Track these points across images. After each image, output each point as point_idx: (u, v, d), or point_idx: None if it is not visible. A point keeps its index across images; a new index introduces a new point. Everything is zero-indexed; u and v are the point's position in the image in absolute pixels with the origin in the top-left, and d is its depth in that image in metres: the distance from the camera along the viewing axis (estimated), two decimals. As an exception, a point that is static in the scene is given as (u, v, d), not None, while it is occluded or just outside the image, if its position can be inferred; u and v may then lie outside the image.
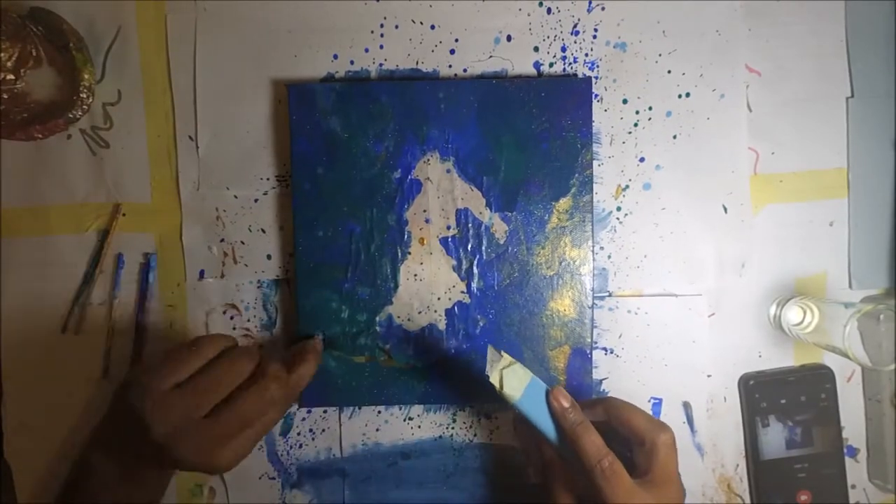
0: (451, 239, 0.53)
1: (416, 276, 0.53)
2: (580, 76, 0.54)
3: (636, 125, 0.55)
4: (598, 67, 0.55)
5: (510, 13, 0.54)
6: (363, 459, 0.55)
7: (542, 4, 0.54)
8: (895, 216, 0.56)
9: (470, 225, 0.53)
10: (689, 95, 0.55)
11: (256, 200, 0.54)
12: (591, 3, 0.54)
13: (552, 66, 0.55)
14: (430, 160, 0.53)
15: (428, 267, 0.53)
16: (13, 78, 0.45)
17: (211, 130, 0.54)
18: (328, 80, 0.54)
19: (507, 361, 0.46)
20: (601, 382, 0.55)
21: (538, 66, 0.55)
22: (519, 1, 0.54)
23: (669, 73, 0.55)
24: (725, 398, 0.56)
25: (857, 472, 0.57)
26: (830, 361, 0.56)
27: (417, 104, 0.52)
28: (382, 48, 0.54)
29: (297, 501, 0.55)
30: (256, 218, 0.54)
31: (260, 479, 0.55)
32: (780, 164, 0.56)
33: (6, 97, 0.46)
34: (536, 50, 0.54)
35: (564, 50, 0.54)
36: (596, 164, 0.54)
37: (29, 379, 0.54)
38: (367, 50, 0.54)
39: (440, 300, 0.53)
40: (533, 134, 0.52)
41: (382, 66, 0.54)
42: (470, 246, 0.53)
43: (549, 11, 0.54)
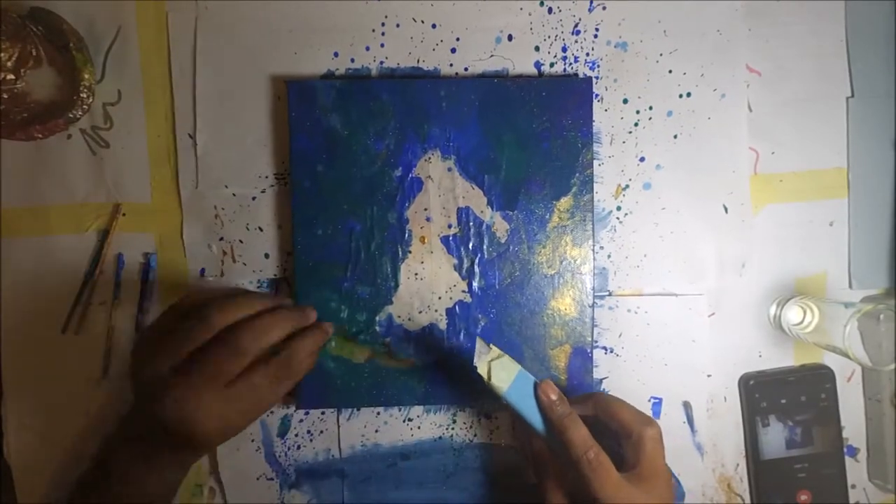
0: (452, 238, 0.53)
1: (416, 274, 0.53)
2: (581, 76, 0.54)
3: (637, 125, 0.55)
4: (598, 67, 0.55)
5: (511, 12, 0.54)
6: (362, 460, 0.55)
7: (543, 4, 0.54)
8: (895, 216, 0.56)
9: (471, 224, 0.53)
10: (689, 95, 0.55)
11: (255, 198, 0.54)
12: (592, 2, 0.54)
13: (553, 65, 0.55)
14: (431, 158, 0.53)
15: (429, 266, 0.53)
16: (13, 78, 0.45)
17: (210, 128, 0.54)
18: (328, 77, 0.54)
19: (495, 353, 0.46)
20: (601, 381, 0.55)
21: (539, 65, 0.55)
22: (520, 0, 0.54)
23: (670, 72, 0.55)
24: (725, 398, 0.56)
25: (857, 472, 0.57)
26: (830, 361, 0.56)
27: (418, 102, 0.52)
28: (383, 47, 0.54)
29: (295, 502, 0.55)
30: (255, 216, 0.54)
31: (258, 479, 0.55)
32: (780, 163, 0.56)
33: (6, 97, 0.46)
34: (537, 49, 0.54)
35: (565, 49, 0.54)
36: (596, 163, 0.54)
37: (29, 379, 0.54)
38: (367, 48, 0.54)
39: (441, 299, 0.53)
40: (534, 133, 0.52)
41: (383, 64, 0.54)
42: (471, 245, 0.53)
43: (550, 11, 0.54)
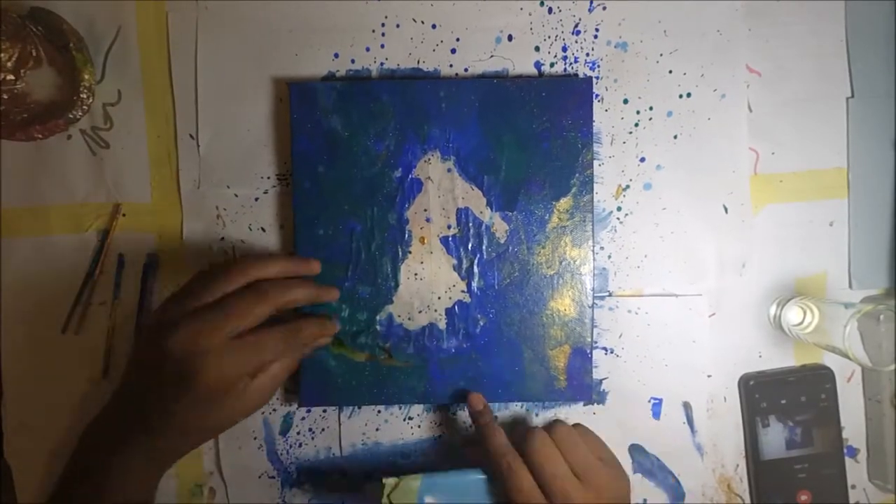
0: (451, 238, 0.53)
1: (416, 275, 0.53)
2: (581, 76, 0.54)
3: (637, 125, 0.55)
4: (598, 67, 0.55)
5: (511, 13, 0.54)
6: (363, 459, 0.55)
7: (543, 4, 0.54)
8: (895, 216, 0.56)
9: (470, 224, 0.53)
10: (689, 95, 0.55)
11: (257, 199, 0.54)
12: (592, 2, 0.54)
13: (553, 65, 0.55)
14: (430, 159, 0.53)
15: (428, 266, 0.53)
16: (13, 78, 0.45)
17: (212, 129, 0.54)
18: (329, 78, 0.54)
19: (390, 485, 0.47)
20: (601, 382, 0.55)
21: (539, 65, 0.55)
22: (520, 0, 0.54)
23: (670, 72, 0.55)
24: (725, 398, 0.56)
25: (857, 472, 0.57)
26: (830, 361, 0.56)
27: (418, 103, 0.52)
28: (383, 47, 0.54)
29: (296, 500, 0.55)
30: (257, 217, 0.54)
31: (259, 478, 0.55)
32: (780, 164, 0.56)
33: (6, 97, 0.46)
34: (537, 49, 0.54)
35: (565, 49, 0.54)
36: (596, 163, 0.54)
37: (29, 379, 0.54)
38: (368, 49, 0.54)
39: (440, 299, 0.53)
40: (534, 133, 0.52)
41: (383, 65, 0.54)
42: (470, 245, 0.53)
43: (550, 11, 0.54)
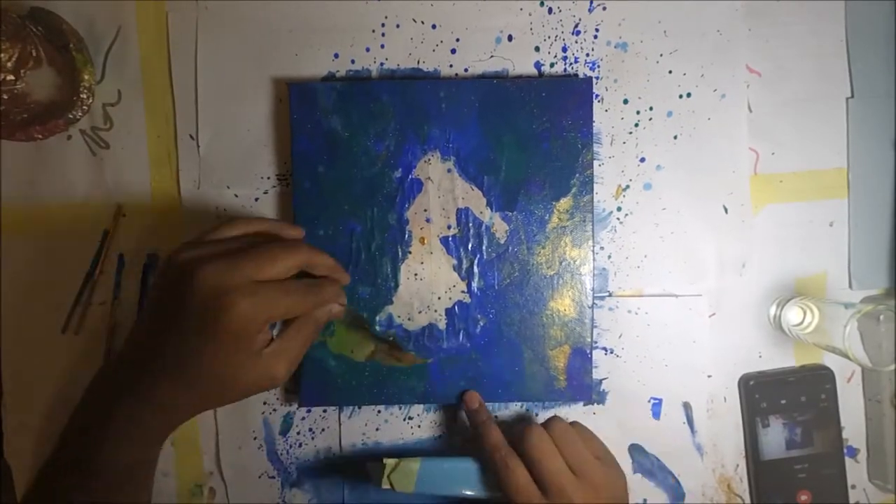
0: (451, 238, 0.53)
1: (416, 275, 0.53)
2: (581, 76, 0.54)
3: (637, 125, 0.55)
4: (598, 67, 0.55)
5: (511, 13, 0.54)
6: (363, 458, 0.55)
7: (543, 4, 0.54)
8: (895, 216, 0.56)
9: (470, 224, 0.53)
10: (689, 96, 0.55)
11: (257, 199, 0.54)
12: (592, 2, 0.54)
13: (553, 65, 0.55)
14: (430, 159, 0.53)
15: (428, 266, 0.53)
16: (13, 78, 0.45)
17: (212, 129, 0.54)
18: (329, 79, 0.54)
19: (391, 465, 0.48)
20: (601, 382, 0.55)
21: (539, 65, 0.55)
22: (520, 1, 0.54)
23: (670, 73, 0.55)
24: (725, 398, 0.56)
25: (857, 472, 0.57)
26: (830, 362, 0.56)
27: (418, 103, 0.52)
28: (383, 47, 0.54)
29: (296, 501, 0.55)
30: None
31: (259, 478, 0.55)
32: (780, 164, 0.56)
33: (6, 97, 0.46)
34: (537, 50, 0.54)
35: (565, 50, 0.54)
36: (596, 164, 0.54)
37: (29, 379, 0.54)
38: (368, 49, 0.54)
39: (440, 300, 0.53)
40: (534, 134, 0.52)
41: (383, 65, 0.54)
42: (470, 245, 0.53)
43: (550, 11, 0.54)
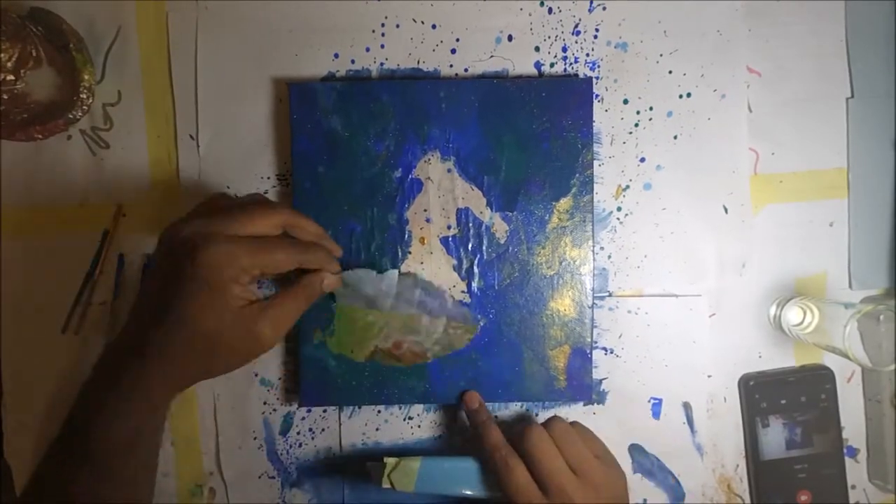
0: (451, 238, 0.53)
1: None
2: (581, 76, 0.54)
3: (637, 125, 0.55)
4: (598, 67, 0.55)
5: (511, 13, 0.54)
6: (363, 458, 0.55)
7: (543, 4, 0.54)
8: (895, 216, 0.56)
9: (470, 224, 0.53)
10: (689, 96, 0.55)
11: (257, 200, 0.54)
12: (592, 2, 0.54)
13: (553, 65, 0.55)
14: (430, 159, 0.53)
15: (428, 266, 0.53)
16: (13, 78, 0.45)
17: (212, 129, 0.54)
18: (329, 79, 0.54)
19: (391, 464, 0.49)
20: (601, 382, 0.55)
21: (539, 65, 0.55)
22: (520, 1, 0.54)
23: (670, 73, 0.55)
24: (725, 398, 0.56)
25: (857, 472, 0.57)
26: (830, 362, 0.56)
27: (418, 104, 0.52)
28: (383, 47, 0.54)
29: (296, 501, 0.55)
30: (257, 217, 0.54)
31: (259, 478, 0.55)
32: (780, 164, 0.56)
33: (6, 98, 0.46)
34: (537, 50, 0.54)
35: (565, 50, 0.54)
36: (596, 164, 0.54)
37: (29, 379, 0.54)
38: (368, 49, 0.54)
39: (441, 300, 0.53)
40: (534, 134, 0.52)
41: (383, 65, 0.54)
42: (470, 245, 0.53)
43: (550, 11, 0.54)
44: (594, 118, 0.53)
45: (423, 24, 0.54)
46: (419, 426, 0.56)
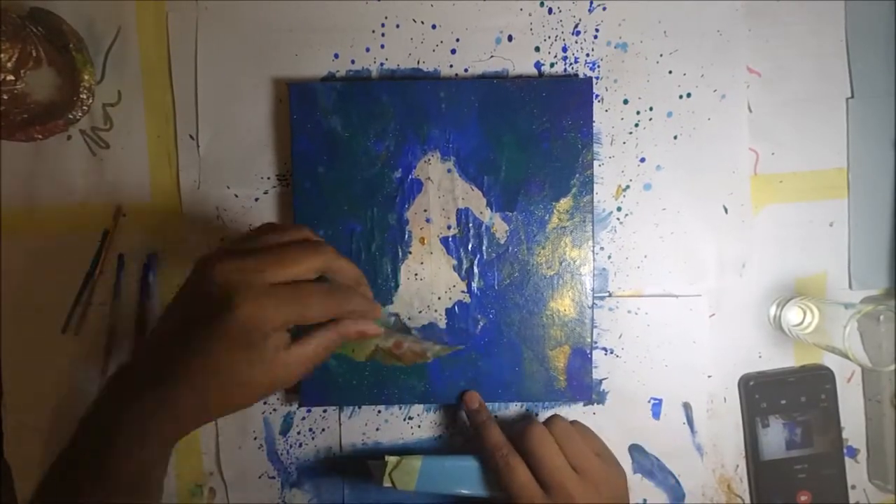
0: (451, 238, 0.53)
1: (416, 275, 0.53)
2: (581, 76, 0.54)
3: (637, 125, 0.55)
4: (598, 67, 0.55)
5: (511, 13, 0.54)
6: (363, 459, 0.55)
7: (543, 4, 0.54)
8: (895, 216, 0.56)
9: (470, 224, 0.53)
10: (689, 96, 0.55)
11: (257, 199, 0.54)
12: (592, 3, 0.54)
13: (553, 66, 0.55)
14: (430, 160, 0.53)
15: (428, 266, 0.53)
16: (13, 79, 0.45)
17: (212, 129, 0.54)
18: (329, 79, 0.54)
19: (392, 463, 0.49)
20: (601, 382, 0.55)
21: (539, 66, 0.55)
22: (520, 1, 0.54)
23: (670, 73, 0.55)
24: (725, 398, 0.56)
25: (857, 472, 0.57)
26: (830, 362, 0.56)
27: (418, 104, 0.52)
28: (383, 48, 0.54)
29: (296, 501, 0.55)
30: (257, 217, 0.54)
31: (259, 478, 0.55)
32: (780, 164, 0.56)
33: (6, 98, 0.46)
34: (537, 50, 0.54)
35: (565, 50, 0.54)
36: (596, 164, 0.54)
37: (29, 379, 0.54)
38: (367, 49, 0.54)
39: (440, 300, 0.53)
40: (534, 134, 0.52)
41: (383, 65, 0.54)
42: (470, 245, 0.53)
43: (550, 11, 0.54)
44: (594, 118, 0.53)
45: (423, 24, 0.54)
46: (419, 426, 0.56)
